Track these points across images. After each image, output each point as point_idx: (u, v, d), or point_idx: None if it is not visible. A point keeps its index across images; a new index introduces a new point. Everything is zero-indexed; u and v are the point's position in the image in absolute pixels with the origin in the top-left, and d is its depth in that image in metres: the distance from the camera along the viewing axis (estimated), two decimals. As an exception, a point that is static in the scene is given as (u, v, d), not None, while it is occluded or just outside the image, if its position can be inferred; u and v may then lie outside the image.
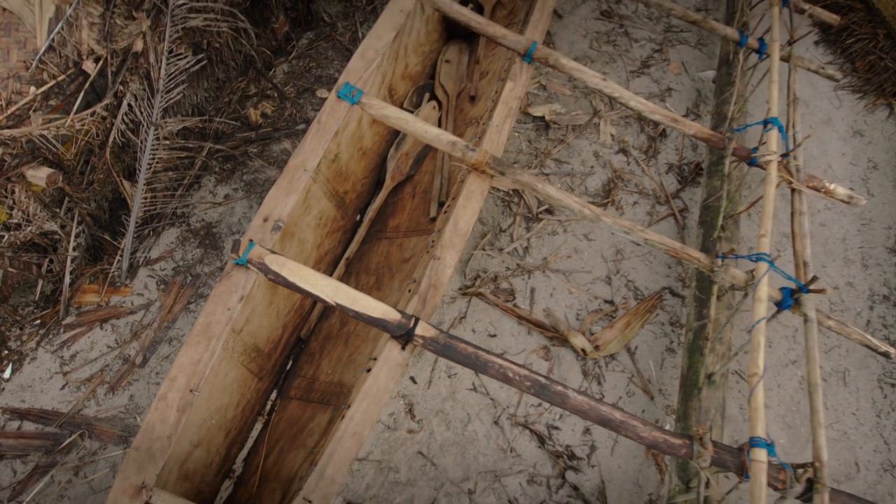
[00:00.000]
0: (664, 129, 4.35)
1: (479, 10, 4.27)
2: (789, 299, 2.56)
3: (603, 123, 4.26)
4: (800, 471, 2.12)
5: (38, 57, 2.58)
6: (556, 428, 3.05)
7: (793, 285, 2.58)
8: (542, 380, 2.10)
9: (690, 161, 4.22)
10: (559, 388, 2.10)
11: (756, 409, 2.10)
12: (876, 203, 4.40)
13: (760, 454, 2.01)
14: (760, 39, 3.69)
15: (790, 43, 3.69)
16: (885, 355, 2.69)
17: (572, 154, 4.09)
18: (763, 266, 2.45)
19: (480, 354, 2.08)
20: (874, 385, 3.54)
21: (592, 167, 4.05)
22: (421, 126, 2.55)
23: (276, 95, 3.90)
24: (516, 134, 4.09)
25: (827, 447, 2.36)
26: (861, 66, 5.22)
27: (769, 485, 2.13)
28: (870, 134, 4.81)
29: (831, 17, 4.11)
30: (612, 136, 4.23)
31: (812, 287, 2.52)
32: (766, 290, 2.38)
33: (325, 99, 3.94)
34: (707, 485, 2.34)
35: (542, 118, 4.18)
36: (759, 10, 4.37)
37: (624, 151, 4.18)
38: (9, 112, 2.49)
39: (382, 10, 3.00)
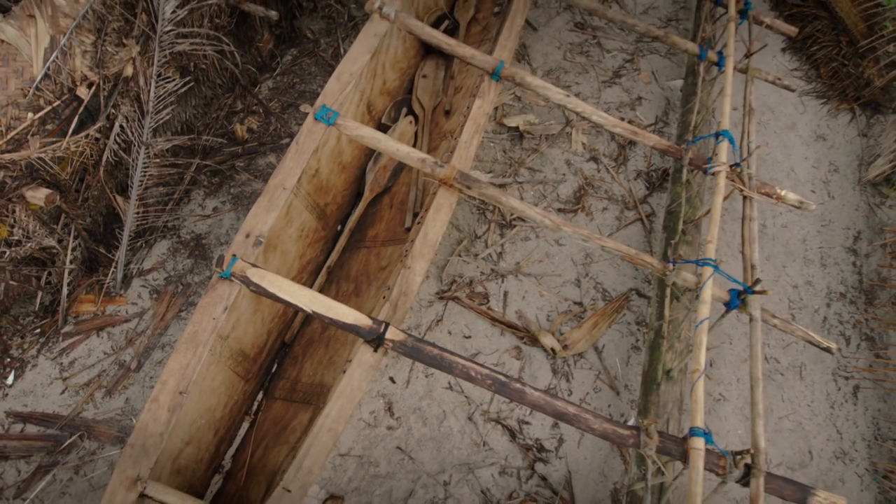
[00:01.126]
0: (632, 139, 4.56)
1: (457, 25, 4.48)
2: (736, 300, 2.77)
3: (575, 133, 4.46)
4: (738, 457, 2.32)
5: (34, 84, 2.76)
6: (527, 423, 3.26)
7: (740, 287, 2.79)
8: (502, 378, 2.30)
9: (658, 167, 4.43)
10: (517, 385, 2.30)
11: (696, 401, 2.31)
12: (836, 205, 4.63)
13: (698, 442, 2.22)
14: (720, 53, 3.90)
15: (747, 56, 3.91)
16: (828, 350, 2.90)
17: (545, 162, 4.29)
18: (708, 270, 2.66)
19: (445, 356, 2.28)
20: (829, 378, 3.76)
21: (564, 175, 4.26)
22: (393, 144, 2.74)
23: (261, 111, 4.09)
24: (492, 144, 4.30)
25: (779, 437, 2.56)
26: (825, 73, 5.45)
27: (711, 470, 2.34)
28: (832, 138, 5.04)
29: (790, 29, 4.32)
30: (583, 144, 4.44)
31: (756, 289, 2.73)
32: (710, 293, 2.59)
33: (307, 113, 4.13)
34: (660, 472, 2.55)
35: (517, 128, 4.38)
36: (723, 22, 4.58)
37: (595, 159, 4.39)
38: (8, 137, 2.67)
39: (367, 19, 3.18)
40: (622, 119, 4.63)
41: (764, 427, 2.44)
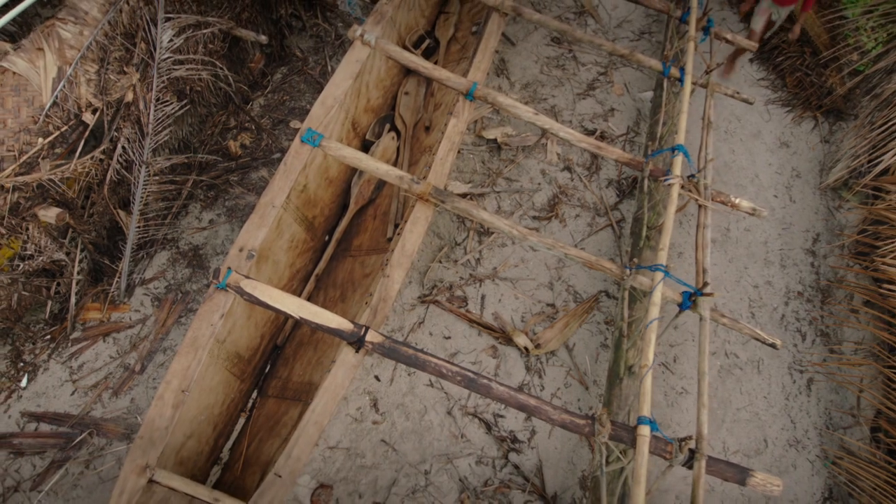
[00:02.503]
0: (606, 147, 4.84)
1: (438, 43, 4.75)
2: (688, 301, 3.05)
3: (550, 144, 4.74)
4: (682, 443, 2.59)
5: (44, 112, 3.01)
6: (501, 416, 3.53)
7: (691, 290, 3.06)
8: (471, 374, 2.57)
9: (629, 176, 4.71)
10: (484, 381, 2.57)
11: (644, 393, 2.58)
12: (797, 209, 4.91)
13: (645, 430, 2.49)
14: (682, 69, 4.17)
15: (707, 72, 4.18)
16: (773, 346, 3.17)
17: (522, 172, 4.57)
18: (659, 275, 2.93)
19: (419, 355, 2.55)
20: (784, 372, 4.05)
21: (540, 184, 4.53)
22: (373, 163, 3.01)
23: (253, 127, 4.35)
24: (471, 156, 4.56)
25: (737, 427, 2.79)
26: (790, 82, 5.74)
27: (660, 455, 2.61)
28: (795, 145, 5.33)
29: (750, 44, 4.60)
30: (558, 154, 4.71)
31: (705, 291, 3.00)
32: (660, 296, 2.86)
33: (297, 129, 4.40)
34: (618, 457, 2.82)
35: (495, 140, 4.65)
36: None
37: (569, 169, 4.66)
38: (21, 161, 2.92)
39: (351, 44, 3.43)
40: (595, 130, 4.91)
41: (708, 416, 2.72)
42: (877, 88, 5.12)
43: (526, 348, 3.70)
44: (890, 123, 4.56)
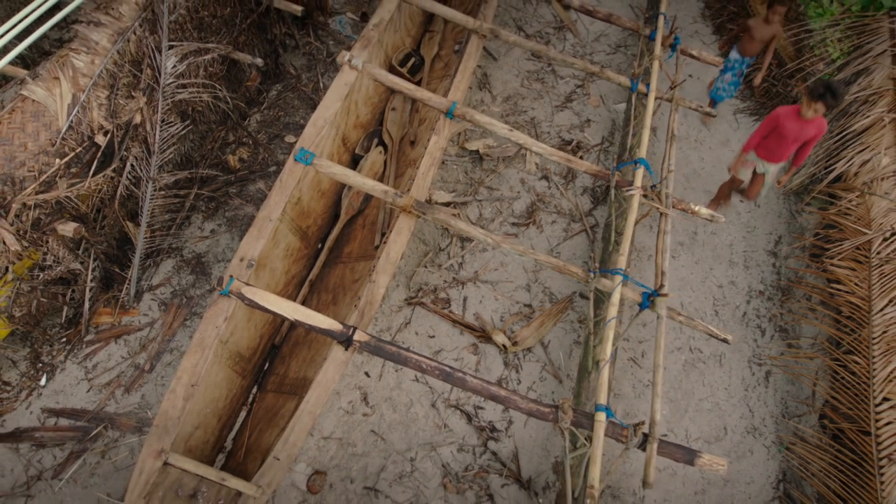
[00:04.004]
0: (581, 157, 5.17)
1: (423, 61, 5.06)
2: (647, 301, 3.37)
3: (529, 154, 5.05)
4: (637, 427, 2.92)
5: (60, 135, 3.31)
6: (481, 408, 3.85)
7: (650, 291, 3.38)
8: (447, 369, 2.89)
9: (603, 184, 5.03)
10: (459, 374, 2.89)
11: (602, 384, 2.90)
12: (761, 213, 5.25)
13: (601, 416, 2.81)
14: (648, 85, 4.49)
15: (672, 88, 4.50)
16: (725, 341, 3.49)
17: (502, 182, 4.89)
18: (618, 278, 3.25)
19: (401, 352, 2.87)
20: (745, 365, 4.38)
21: (519, 192, 4.85)
22: (360, 179, 3.32)
23: (250, 142, 4.66)
24: (455, 167, 4.88)
25: (699, 416, 3.09)
26: (758, 92, 6.08)
27: (616, 439, 2.93)
28: (761, 152, 5.65)
29: (715, 60, 4.93)
30: (536, 164, 5.03)
31: (661, 292, 3.32)
32: (618, 298, 3.19)
33: (292, 143, 4.71)
34: (583, 443, 3.14)
35: (477, 151, 4.97)
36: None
37: (546, 178, 4.98)
38: (41, 180, 3.23)
39: (340, 68, 3.74)
40: (572, 140, 5.24)
41: (669, 405, 3.04)
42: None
43: (504, 346, 4.02)
44: (844, 133, 4.90)
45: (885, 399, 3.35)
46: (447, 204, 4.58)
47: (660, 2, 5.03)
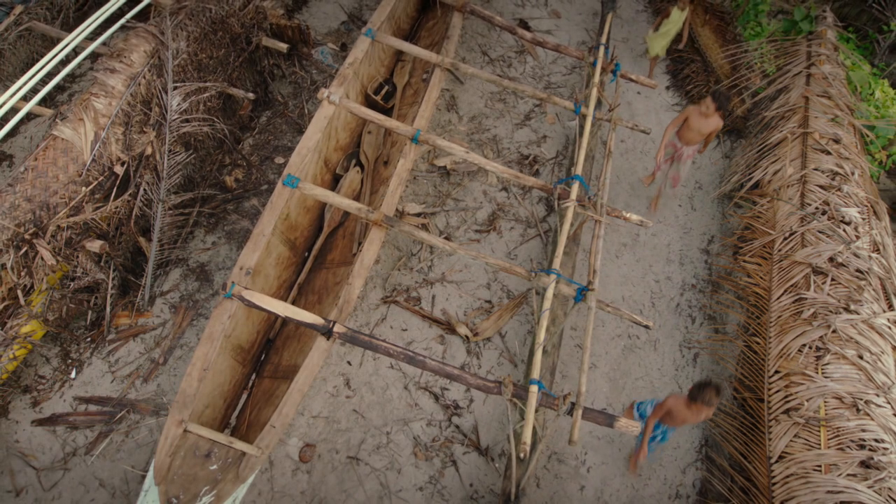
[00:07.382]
0: (538, 170, 5.85)
1: (395, 88, 5.73)
2: (580, 296, 4.05)
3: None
4: (565, 397, 3.59)
5: (85, 167, 3.95)
6: (447, 389, 4.52)
7: (581, 287, 4.06)
8: (410, 353, 3.56)
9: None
10: (420, 358, 3.56)
11: (535, 363, 3.57)
12: (697, 215, 5.95)
13: (533, 388, 3.48)
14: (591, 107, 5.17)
15: (611, 110, 5.19)
16: (647, 327, 4.17)
17: (467, 193, 5.57)
18: (553, 277, 3.93)
19: (373, 341, 3.54)
20: (676, 349, 5.07)
21: (482, 203, 5.53)
22: (338, 199, 3.99)
23: (244, 164, 5.31)
24: (425, 181, 5.56)
25: (634, 393, 3.77)
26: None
27: (549, 407, 3.60)
28: (700, 160, 6.36)
29: (650, 83, 5.61)
30: (497, 178, 5.71)
31: (591, 287, 4.00)
32: (552, 293, 3.86)
33: (281, 164, 5.37)
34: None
35: (445, 167, 5.65)
36: (604, 79, 5.87)
37: (506, 189, 5.66)
38: (71, 206, 3.87)
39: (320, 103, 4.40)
40: (530, 155, 5.92)
41: (602, 383, 3.71)
42: (763, 112, 6.18)
43: (467, 336, 4.70)
44: (763, 145, 5.61)
45: (776, 371, 4.03)
46: (418, 214, 5.25)
47: (601, 33, 5.72)
